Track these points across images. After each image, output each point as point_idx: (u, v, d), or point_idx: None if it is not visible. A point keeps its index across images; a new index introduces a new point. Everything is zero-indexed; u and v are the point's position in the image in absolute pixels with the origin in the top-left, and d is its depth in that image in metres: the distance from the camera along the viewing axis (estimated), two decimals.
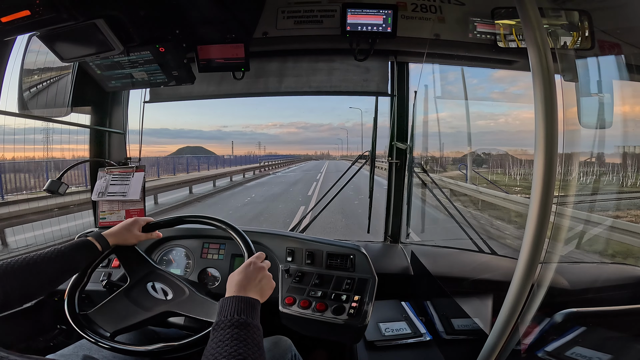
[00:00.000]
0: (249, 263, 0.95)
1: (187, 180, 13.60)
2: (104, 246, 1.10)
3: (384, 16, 1.55)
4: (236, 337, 0.69)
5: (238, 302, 0.79)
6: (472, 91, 2.17)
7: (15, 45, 1.31)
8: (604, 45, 1.51)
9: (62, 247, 1.00)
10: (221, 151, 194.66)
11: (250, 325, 0.74)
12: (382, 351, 1.28)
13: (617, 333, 0.93)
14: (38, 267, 0.92)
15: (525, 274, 0.74)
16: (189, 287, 1.09)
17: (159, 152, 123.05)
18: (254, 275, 0.91)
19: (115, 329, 1.00)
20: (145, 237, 1.22)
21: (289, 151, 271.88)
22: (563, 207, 1.06)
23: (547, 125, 0.68)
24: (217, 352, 0.66)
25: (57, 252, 0.97)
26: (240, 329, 0.71)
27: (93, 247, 1.07)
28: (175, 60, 1.46)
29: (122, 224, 1.17)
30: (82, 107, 1.82)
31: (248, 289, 0.85)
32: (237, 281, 0.88)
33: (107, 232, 1.13)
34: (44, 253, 0.95)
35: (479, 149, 15.47)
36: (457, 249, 1.98)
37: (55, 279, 0.96)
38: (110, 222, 1.70)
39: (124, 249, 1.17)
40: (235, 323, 0.72)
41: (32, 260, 0.92)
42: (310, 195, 12.37)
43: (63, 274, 0.99)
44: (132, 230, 1.17)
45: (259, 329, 0.76)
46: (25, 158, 6.97)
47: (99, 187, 1.73)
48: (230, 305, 0.78)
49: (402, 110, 1.96)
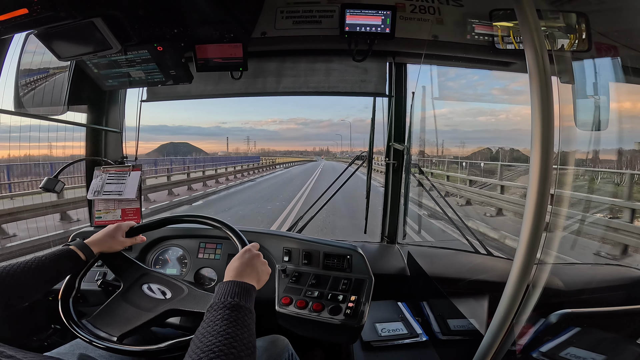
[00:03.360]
0: (244, 251, 0.97)
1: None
2: (88, 255, 1.07)
3: (382, 17, 1.55)
4: (227, 318, 0.70)
5: (233, 286, 0.80)
6: (471, 88, 2.19)
7: (12, 43, 1.30)
8: (601, 47, 1.52)
9: (44, 256, 0.98)
10: (220, 148, 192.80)
11: (243, 307, 0.75)
12: (379, 351, 1.29)
13: (611, 334, 0.94)
14: (18, 277, 0.90)
15: (520, 275, 0.74)
16: (186, 284, 1.09)
17: (143, 149, 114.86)
18: (250, 261, 0.93)
19: (121, 333, 0.98)
20: (130, 242, 1.20)
21: (287, 147, 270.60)
22: (559, 207, 1.07)
23: (543, 127, 0.68)
24: (206, 331, 0.67)
25: (37, 262, 0.95)
26: (232, 310, 0.73)
27: (76, 257, 1.04)
28: (173, 60, 1.46)
29: (105, 231, 1.15)
30: (78, 106, 1.82)
31: (244, 275, 0.87)
32: (234, 267, 0.90)
33: (91, 241, 1.10)
34: (24, 263, 0.93)
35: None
36: (453, 250, 1.99)
37: (36, 290, 0.94)
38: (106, 221, 1.69)
39: (110, 255, 1.15)
40: (228, 305, 0.74)
41: (12, 270, 0.90)
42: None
43: (45, 284, 0.96)
44: (116, 236, 1.15)
45: (252, 312, 0.77)
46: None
47: (95, 186, 1.72)
48: (225, 289, 0.80)
49: (400, 111, 1.96)
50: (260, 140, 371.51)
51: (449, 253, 1.99)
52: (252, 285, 0.85)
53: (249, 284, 0.84)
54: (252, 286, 0.85)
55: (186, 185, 14.55)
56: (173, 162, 24.48)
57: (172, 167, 19.00)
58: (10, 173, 8.11)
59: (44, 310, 1.52)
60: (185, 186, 14.43)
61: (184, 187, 14.26)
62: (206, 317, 0.72)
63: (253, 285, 0.85)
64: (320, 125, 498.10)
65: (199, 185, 15.71)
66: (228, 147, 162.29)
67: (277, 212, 9.42)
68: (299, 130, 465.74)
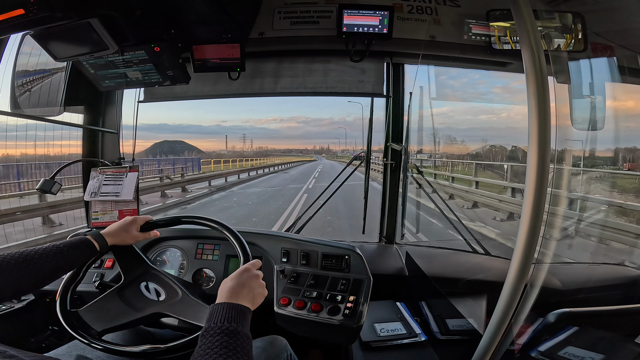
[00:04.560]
0: (244, 269, 0.93)
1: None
2: (103, 246, 1.08)
3: (380, 17, 1.55)
4: (225, 345, 0.68)
5: (229, 309, 0.77)
6: (470, 88, 2.19)
7: (8, 44, 1.30)
8: (597, 47, 1.53)
9: (61, 244, 0.99)
10: (220, 146, 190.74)
11: (240, 333, 0.72)
12: (377, 351, 1.29)
13: (609, 333, 0.94)
14: (35, 263, 0.91)
15: (518, 275, 0.74)
16: (182, 288, 1.08)
17: (142, 147, 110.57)
18: (248, 282, 0.89)
19: (104, 328, 0.99)
20: (143, 236, 1.20)
21: (287, 146, 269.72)
22: (556, 207, 1.07)
23: (540, 127, 0.69)
24: (204, 359, 0.65)
25: (56, 250, 0.96)
26: (230, 337, 0.70)
27: (92, 246, 1.05)
28: (170, 60, 1.45)
29: (121, 224, 1.15)
30: (75, 107, 1.81)
31: (240, 296, 0.84)
32: (230, 287, 0.86)
33: (106, 232, 1.11)
34: (42, 249, 0.94)
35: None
36: (452, 250, 1.99)
37: (50, 276, 0.95)
38: (103, 222, 1.68)
39: (122, 248, 1.16)
40: (225, 330, 0.71)
41: (29, 255, 0.91)
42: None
43: (57, 272, 0.98)
44: (131, 230, 1.16)
45: (249, 337, 0.74)
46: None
47: (92, 187, 1.71)
48: (220, 312, 0.76)
49: (398, 111, 1.97)
50: (261, 139, 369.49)
51: (447, 253, 1.99)
52: (248, 307, 0.82)
53: (245, 307, 0.81)
54: (248, 308, 0.81)
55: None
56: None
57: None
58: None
59: (41, 311, 1.51)
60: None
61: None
62: (202, 343, 0.69)
63: (248, 308, 0.82)
64: (320, 123, 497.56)
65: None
66: (227, 146, 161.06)
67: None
68: (300, 129, 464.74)
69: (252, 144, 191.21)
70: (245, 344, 0.71)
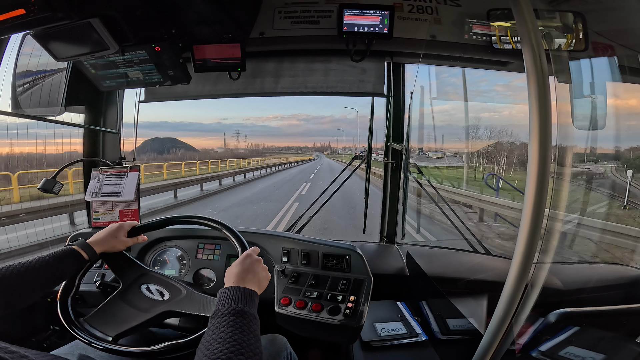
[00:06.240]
0: (245, 256, 0.96)
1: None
2: (91, 255, 1.08)
3: (380, 17, 1.55)
4: (232, 324, 0.70)
5: (236, 292, 0.80)
6: (473, 85, 2.18)
7: (9, 44, 1.30)
8: (598, 46, 1.52)
9: (47, 256, 0.98)
10: (219, 144, 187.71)
11: (247, 313, 0.75)
12: (378, 351, 1.29)
13: (610, 333, 0.94)
14: (21, 277, 0.90)
15: (519, 274, 0.74)
16: (185, 286, 1.08)
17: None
18: (251, 267, 0.92)
19: (117, 333, 0.98)
20: (132, 242, 1.20)
21: (287, 144, 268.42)
22: (556, 207, 1.07)
23: (541, 126, 0.69)
24: (213, 338, 0.67)
25: (42, 262, 0.95)
26: (237, 317, 0.72)
27: (79, 256, 1.05)
28: (171, 60, 1.45)
29: (108, 231, 1.15)
30: (76, 107, 1.81)
31: (246, 281, 0.87)
32: (235, 273, 0.89)
33: (93, 240, 1.10)
34: (28, 263, 0.93)
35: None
36: (452, 250, 1.99)
37: (40, 289, 0.94)
38: (104, 222, 1.69)
39: (112, 255, 1.16)
40: (232, 311, 0.74)
41: (15, 270, 0.90)
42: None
43: (48, 284, 0.97)
44: (118, 236, 1.16)
45: (256, 318, 0.77)
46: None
47: (93, 187, 1.71)
48: (228, 295, 0.79)
49: (398, 111, 1.96)
50: (262, 137, 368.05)
51: (447, 253, 1.99)
52: (254, 291, 0.85)
53: (251, 290, 0.84)
54: (254, 292, 0.85)
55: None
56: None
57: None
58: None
59: (42, 311, 1.51)
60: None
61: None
62: (211, 324, 0.72)
63: (255, 291, 0.85)
64: (321, 121, 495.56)
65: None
66: (225, 144, 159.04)
67: None
68: (301, 127, 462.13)
69: (247, 142, 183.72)
70: (252, 324, 0.73)
